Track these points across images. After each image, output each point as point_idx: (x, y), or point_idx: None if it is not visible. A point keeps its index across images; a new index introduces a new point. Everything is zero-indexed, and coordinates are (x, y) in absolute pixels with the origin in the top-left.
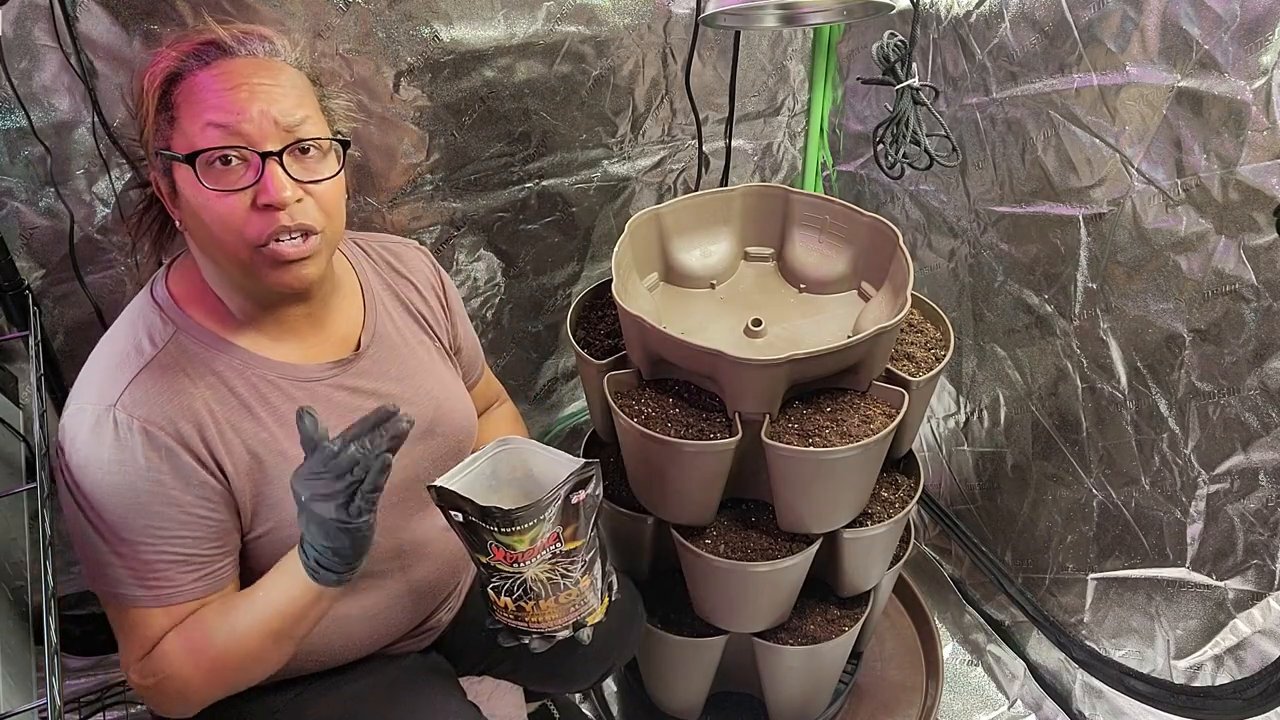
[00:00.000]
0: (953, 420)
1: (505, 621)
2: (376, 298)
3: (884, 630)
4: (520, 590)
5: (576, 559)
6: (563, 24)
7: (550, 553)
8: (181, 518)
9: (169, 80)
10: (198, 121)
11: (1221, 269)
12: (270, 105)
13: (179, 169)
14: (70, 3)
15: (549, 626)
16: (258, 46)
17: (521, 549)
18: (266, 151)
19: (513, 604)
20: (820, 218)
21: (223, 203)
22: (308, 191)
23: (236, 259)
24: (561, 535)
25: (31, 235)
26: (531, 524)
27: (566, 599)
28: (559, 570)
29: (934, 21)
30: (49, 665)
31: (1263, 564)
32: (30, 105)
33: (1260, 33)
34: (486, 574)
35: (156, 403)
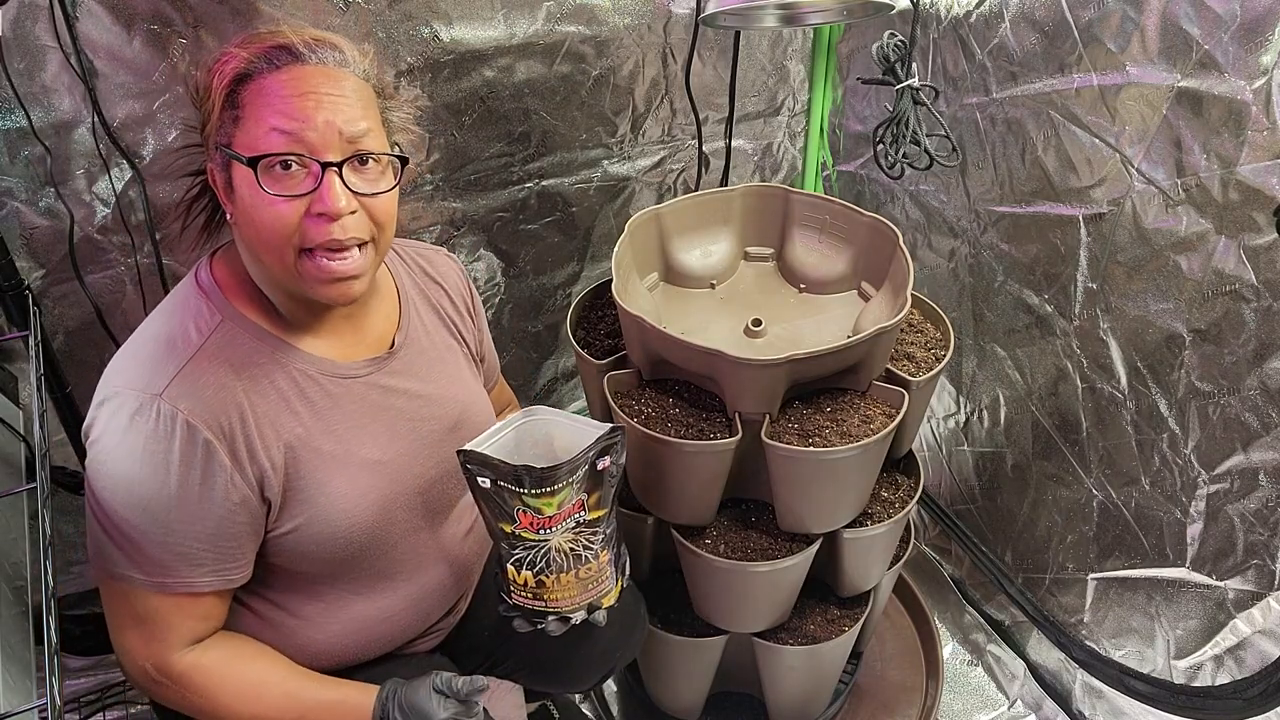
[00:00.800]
0: (953, 420)
1: (522, 602)
2: (410, 300)
3: (884, 630)
4: (543, 562)
5: (599, 530)
6: (563, 24)
7: (574, 521)
8: (203, 516)
9: (238, 79)
10: (263, 125)
11: (1221, 269)
12: (335, 115)
13: (238, 168)
14: (70, 3)
15: (566, 605)
16: (329, 55)
17: (549, 513)
18: (327, 161)
19: (533, 579)
20: (820, 218)
21: (278, 207)
22: (362, 204)
23: (281, 261)
24: (586, 504)
25: (31, 235)
26: (561, 486)
27: (586, 574)
28: (581, 541)
29: (934, 21)
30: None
31: (1263, 564)
32: (30, 105)
33: (1260, 33)
34: (509, 546)
35: (201, 396)
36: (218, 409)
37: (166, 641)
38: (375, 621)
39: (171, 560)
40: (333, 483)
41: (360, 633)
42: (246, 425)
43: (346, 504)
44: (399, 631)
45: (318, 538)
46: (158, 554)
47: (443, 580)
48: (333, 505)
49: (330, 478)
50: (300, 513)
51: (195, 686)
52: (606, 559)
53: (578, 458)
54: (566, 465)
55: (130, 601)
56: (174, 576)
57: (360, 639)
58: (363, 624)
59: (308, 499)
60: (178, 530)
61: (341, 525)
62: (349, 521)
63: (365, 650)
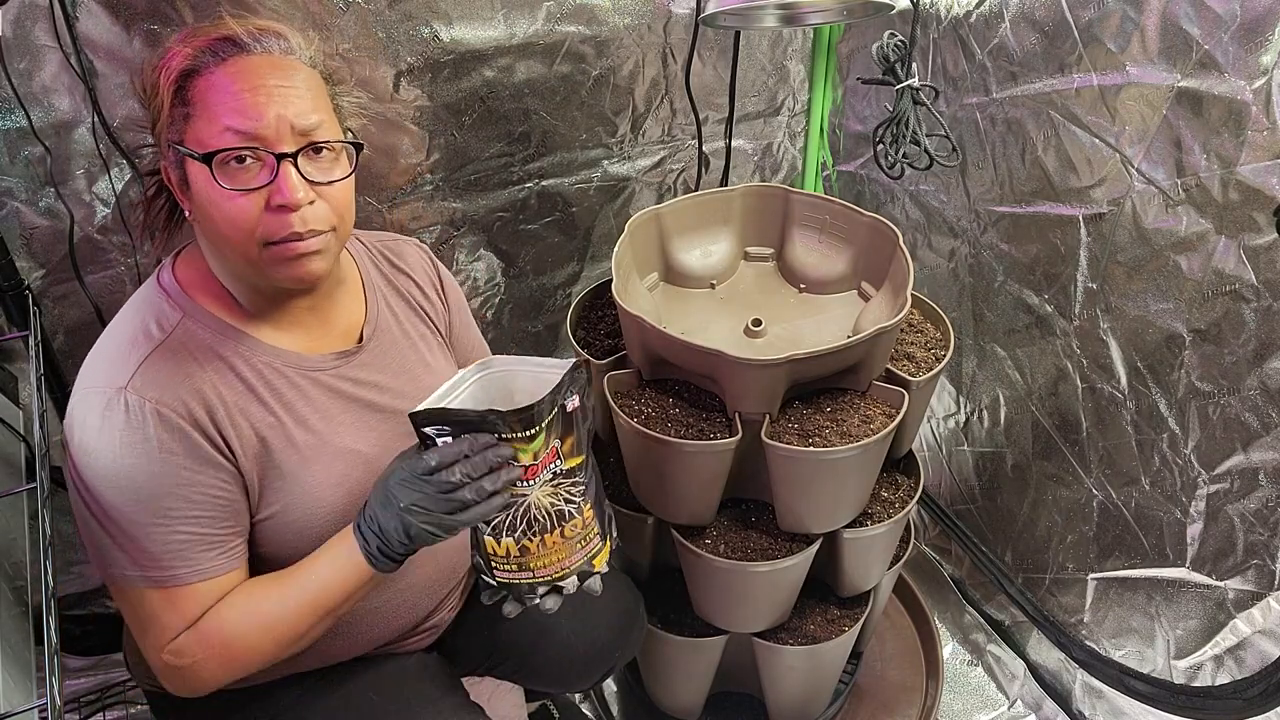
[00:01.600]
0: (953, 420)
1: (508, 578)
2: (378, 291)
3: (884, 630)
4: (524, 524)
5: (578, 480)
6: (563, 24)
7: (551, 472)
8: (195, 497)
9: (184, 75)
10: (215, 123)
11: (1221, 269)
12: (286, 109)
13: (193, 164)
14: (70, 3)
15: (555, 571)
16: (273, 44)
17: (525, 461)
18: (282, 153)
19: (515, 546)
20: (820, 218)
21: (235, 202)
22: (320, 193)
23: (244, 255)
24: (560, 451)
25: (31, 235)
26: (535, 430)
27: (572, 531)
28: (562, 494)
29: (934, 21)
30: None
31: (1263, 564)
32: (30, 105)
33: (1260, 33)
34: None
35: (167, 384)
36: (185, 396)
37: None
38: (359, 615)
39: (176, 548)
40: (307, 471)
41: (345, 628)
42: (216, 414)
43: (322, 492)
44: (385, 626)
45: (295, 526)
46: (160, 545)
47: (430, 573)
48: (308, 494)
49: (304, 466)
50: (276, 501)
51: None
52: (591, 514)
53: (549, 396)
54: (537, 406)
55: (147, 602)
56: (184, 565)
57: (346, 634)
58: (347, 619)
59: (284, 487)
60: (174, 512)
61: (318, 514)
62: (326, 510)
63: (352, 646)
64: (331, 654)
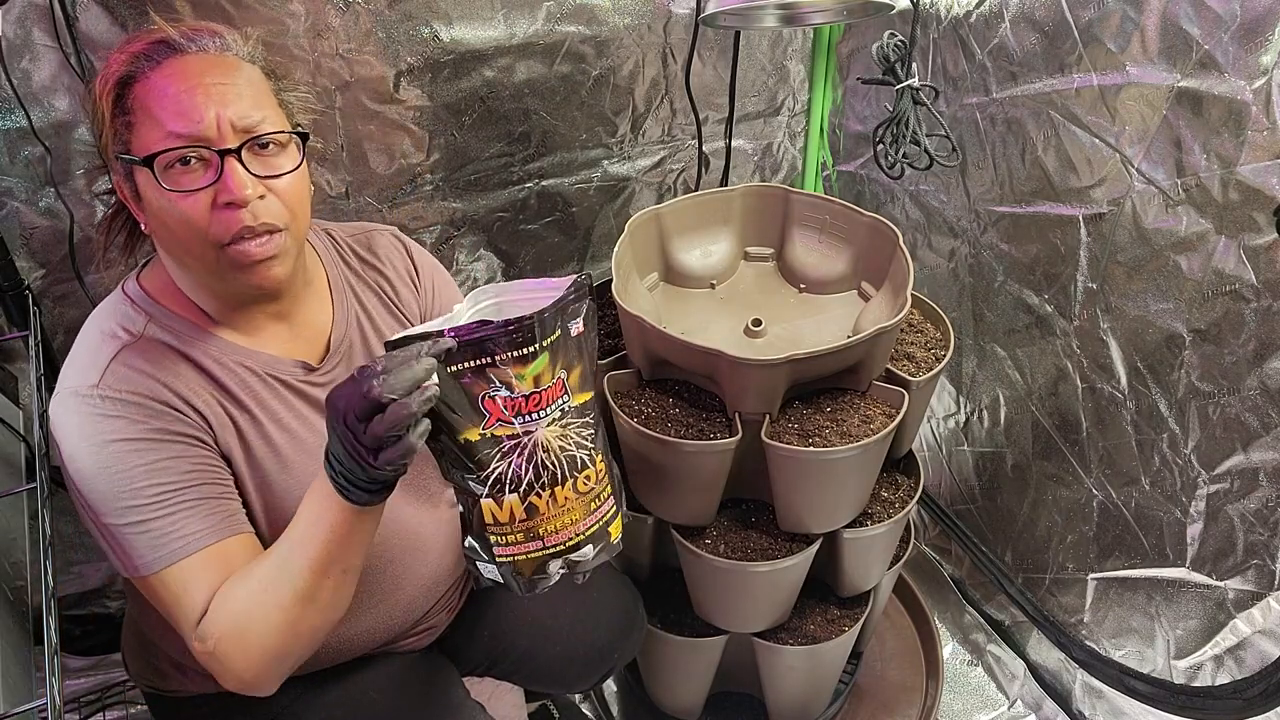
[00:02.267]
0: (953, 420)
1: (512, 554)
2: (347, 291)
3: (884, 630)
4: (530, 472)
5: (589, 421)
6: (563, 24)
7: (559, 409)
8: (184, 466)
9: (121, 84)
10: (155, 127)
11: (1221, 269)
12: (225, 107)
13: (139, 172)
14: (70, 3)
15: (569, 537)
16: (208, 42)
17: (526, 390)
18: (224, 149)
19: (521, 506)
20: (820, 218)
21: (184, 204)
22: (269, 188)
23: (202, 260)
24: (568, 383)
25: (31, 235)
26: (536, 349)
27: (586, 485)
28: (572, 437)
29: (934, 21)
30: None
31: (1263, 564)
32: (30, 105)
33: (1260, 33)
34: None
35: (139, 377)
36: (159, 387)
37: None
38: (354, 614)
39: (174, 524)
40: (288, 474)
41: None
42: (195, 401)
43: (302, 491)
44: (382, 625)
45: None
46: (157, 527)
47: (424, 572)
48: (291, 496)
49: (284, 469)
50: (258, 498)
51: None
52: (603, 466)
53: (551, 310)
54: (544, 316)
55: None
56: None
57: (341, 633)
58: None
59: (263, 486)
60: (165, 487)
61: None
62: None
63: (349, 646)
64: (329, 654)
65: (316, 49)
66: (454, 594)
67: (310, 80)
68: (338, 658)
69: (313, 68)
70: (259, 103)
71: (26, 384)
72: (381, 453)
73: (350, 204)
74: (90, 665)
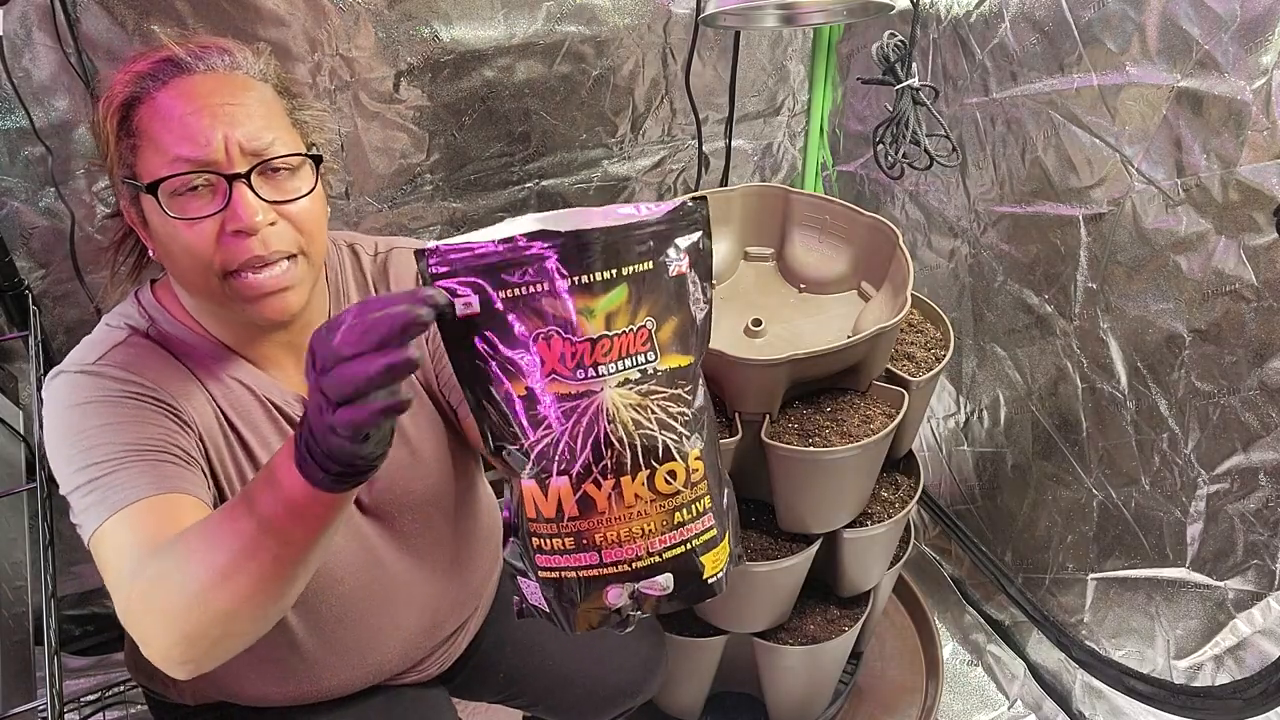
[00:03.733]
0: (953, 420)
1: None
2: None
3: (884, 630)
4: (588, 451)
5: (684, 393)
6: (563, 24)
7: (637, 367)
8: (150, 431)
9: (127, 105)
10: (161, 151)
11: (1221, 269)
12: (234, 129)
13: (145, 198)
14: (71, 2)
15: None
16: (217, 60)
17: (591, 331)
18: (233, 174)
19: (572, 495)
20: (820, 218)
21: (190, 231)
22: (281, 214)
23: (208, 290)
24: (655, 336)
25: (31, 235)
26: (611, 274)
27: (669, 484)
28: (654, 410)
29: (934, 21)
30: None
31: (1263, 564)
32: (31, 105)
33: (1260, 33)
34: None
35: (134, 364)
36: (153, 375)
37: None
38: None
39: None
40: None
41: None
42: (182, 401)
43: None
44: (363, 677)
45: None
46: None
47: (412, 625)
48: None
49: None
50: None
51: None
52: (701, 466)
53: (640, 227)
54: (631, 231)
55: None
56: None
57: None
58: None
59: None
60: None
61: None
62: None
63: (329, 693)
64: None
65: (316, 49)
66: (451, 641)
67: (310, 80)
68: (342, 690)
69: (313, 68)
70: (270, 123)
71: (26, 384)
72: (339, 409)
73: (350, 204)
74: (90, 665)
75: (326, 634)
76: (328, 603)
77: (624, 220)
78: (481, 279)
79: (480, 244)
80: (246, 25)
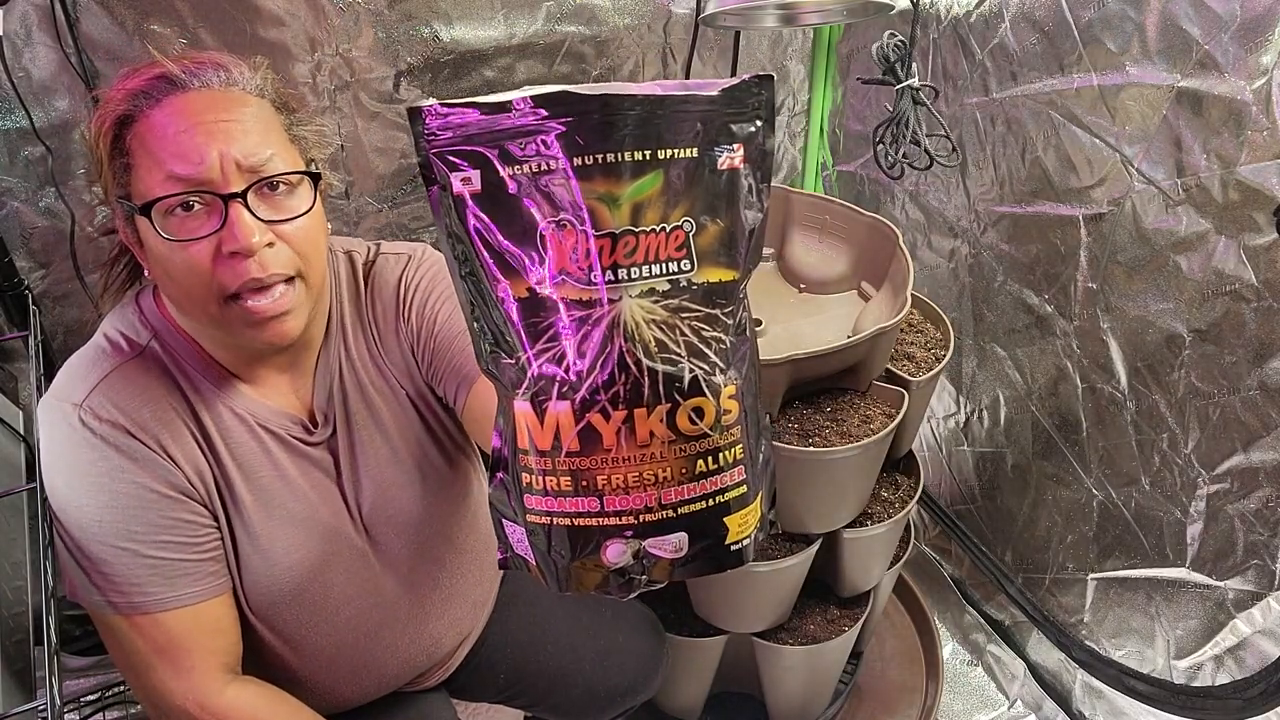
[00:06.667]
0: (953, 420)
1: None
2: (334, 339)
3: (884, 630)
4: (599, 371)
5: (723, 315)
6: (563, 24)
7: (668, 275)
8: (160, 520)
9: (120, 124)
10: (155, 170)
11: (1221, 269)
12: (230, 146)
13: (140, 219)
14: (71, 3)
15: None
16: (212, 76)
17: (614, 223)
18: (229, 194)
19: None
20: (820, 218)
21: (186, 253)
22: (279, 234)
23: (206, 313)
24: (693, 240)
25: (31, 235)
26: (640, 155)
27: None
28: (684, 330)
29: (934, 21)
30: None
31: (1263, 564)
32: (31, 105)
33: (1260, 33)
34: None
35: (124, 404)
36: (139, 414)
37: (198, 669)
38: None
39: (144, 574)
40: (255, 533)
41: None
42: (167, 445)
43: (274, 555)
44: (363, 694)
45: (256, 585)
46: (126, 570)
47: (408, 646)
48: (260, 554)
49: (247, 529)
50: (233, 549)
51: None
52: (737, 408)
53: (681, 104)
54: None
55: (140, 633)
56: (154, 591)
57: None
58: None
59: (237, 539)
60: (140, 536)
61: (276, 577)
62: (282, 573)
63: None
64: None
65: (316, 49)
66: (452, 656)
67: (310, 80)
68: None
69: (313, 67)
70: (267, 140)
71: (26, 384)
72: None
73: (350, 204)
74: (90, 665)
75: (324, 663)
76: (326, 634)
77: (668, 92)
78: (485, 149)
79: (487, 105)
80: (246, 25)
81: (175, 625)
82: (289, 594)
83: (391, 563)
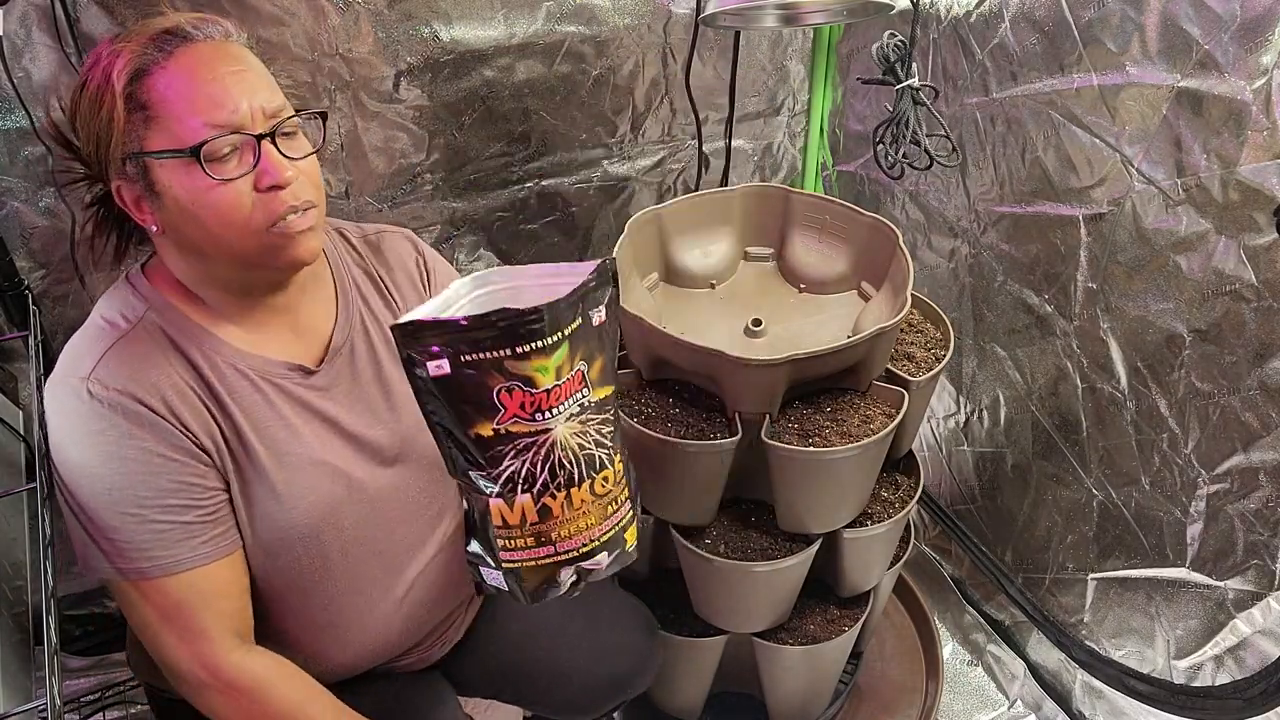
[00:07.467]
0: (953, 420)
1: (519, 561)
2: (352, 295)
3: (884, 630)
4: (545, 473)
5: (608, 417)
6: (563, 24)
7: (579, 403)
8: (167, 484)
9: (133, 77)
10: (186, 118)
11: (1221, 269)
12: (253, 96)
13: (165, 168)
14: (71, 3)
15: (582, 543)
16: (215, 30)
17: (546, 384)
18: (260, 134)
19: (534, 507)
20: (820, 218)
21: (222, 192)
22: (296, 169)
23: (239, 249)
24: (588, 376)
25: (31, 235)
26: (556, 338)
27: (603, 487)
28: (592, 434)
29: (934, 21)
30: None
31: (1263, 564)
32: (30, 105)
33: (1260, 33)
34: (491, 465)
35: (129, 373)
36: (147, 385)
37: (206, 634)
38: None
39: (153, 538)
40: (268, 480)
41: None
42: (174, 406)
43: (291, 501)
44: (380, 644)
45: (266, 536)
46: (136, 536)
47: (424, 588)
48: (274, 502)
49: (260, 477)
50: (245, 502)
51: (247, 691)
52: (621, 467)
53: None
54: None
55: (148, 599)
56: (163, 556)
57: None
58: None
59: (249, 491)
60: (149, 501)
61: (290, 525)
62: (298, 519)
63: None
64: (329, 668)
65: (316, 49)
66: (455, 625)
67: (310, 80)
68: (335, 675)
69: (313, 67)
70: (273, 88)
71: (26, 384)
72: None
73: (350, 204)
74: (90, 665)
75: (318, 621)
76: (325, 583)
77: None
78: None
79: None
80: (246, 25)
81: (181, 589)
82: (304, 535)
83: (407, 497)
